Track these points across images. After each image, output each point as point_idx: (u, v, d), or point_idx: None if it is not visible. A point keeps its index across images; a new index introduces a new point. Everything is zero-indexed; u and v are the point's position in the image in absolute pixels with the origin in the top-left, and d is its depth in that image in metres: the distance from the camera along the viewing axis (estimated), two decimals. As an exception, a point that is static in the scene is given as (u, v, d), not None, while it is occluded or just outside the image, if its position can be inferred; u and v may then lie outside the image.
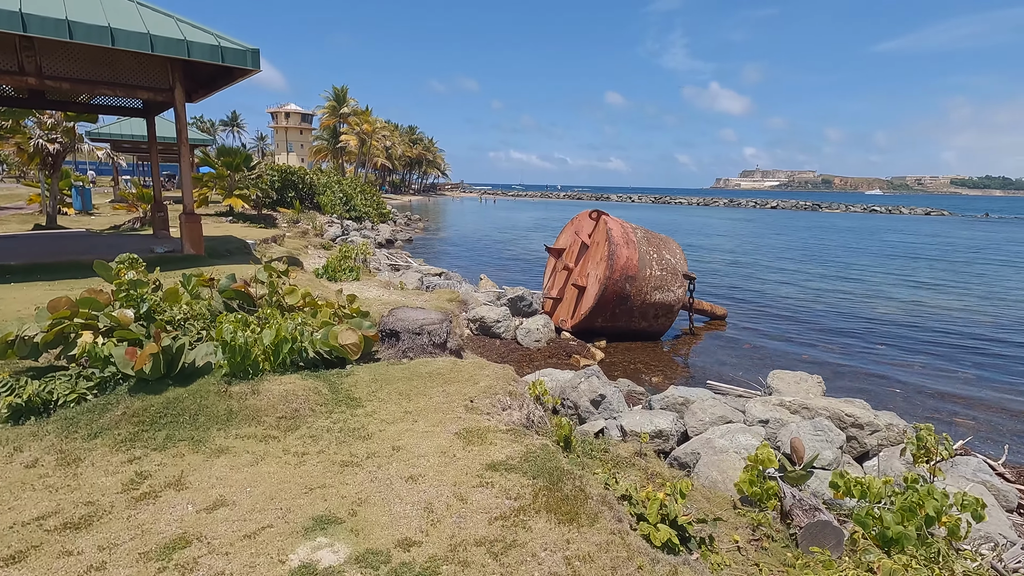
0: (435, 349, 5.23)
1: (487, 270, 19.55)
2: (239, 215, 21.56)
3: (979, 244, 35.08)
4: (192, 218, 9.77)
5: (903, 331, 12.55)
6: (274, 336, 4.34)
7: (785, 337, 11.83)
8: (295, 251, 15.85)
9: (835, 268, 22.55)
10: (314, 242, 18.94)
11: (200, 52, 8.59)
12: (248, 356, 4.13)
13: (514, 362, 9.23)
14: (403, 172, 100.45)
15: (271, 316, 4.69)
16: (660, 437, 5.39)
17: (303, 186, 26.64)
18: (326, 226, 24.44)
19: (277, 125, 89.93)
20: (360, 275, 12.58)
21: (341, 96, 65.26)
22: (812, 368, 9.58)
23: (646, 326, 11.20)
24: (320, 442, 3.57)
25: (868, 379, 9.24)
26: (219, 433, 3.60)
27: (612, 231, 10.64)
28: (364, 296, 10.96)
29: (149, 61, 9.21)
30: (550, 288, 12.06)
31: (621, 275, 10.43)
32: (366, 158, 68.09)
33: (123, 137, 25.63)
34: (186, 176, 9.60)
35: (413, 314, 5.55)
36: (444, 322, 5.36)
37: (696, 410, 5.93)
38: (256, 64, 9.27)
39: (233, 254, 12.79)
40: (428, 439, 3.65)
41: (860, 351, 10.96)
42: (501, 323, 10.33)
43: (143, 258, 9.88)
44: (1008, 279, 20.35)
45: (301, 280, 10.51)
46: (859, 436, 4.91)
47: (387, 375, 4.64)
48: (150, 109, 12.10)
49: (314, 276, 11.67)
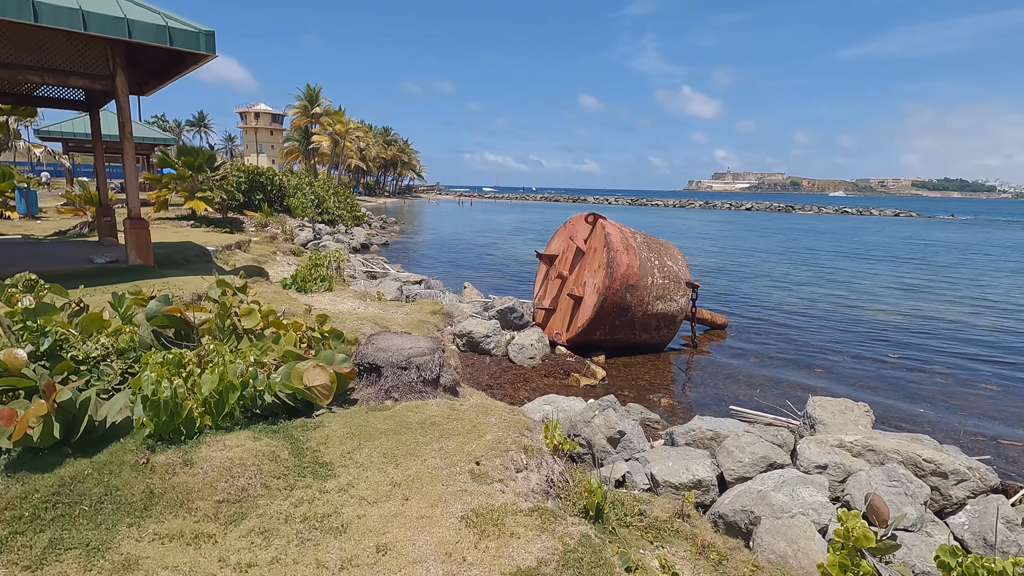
0: (425, 387, 4.23)
1: (469, 276, 18.54)
2: (202, 219, 20.15)
3: (959, 246, 35.36)
4: (138, 223, 8.57)
5: (908, 338, 11.96)
6: (217, 382, 3.30)
7: (792, 348, 11.10)
8: (262, 258, 14.62)
9: (823, 272, 22.13)
10: (283, 248, 17.69)
11: (143, 33, 7.43)
12: (179, 412, 3.08)
13: (508, 383, 8.27)
14: (378, 174, 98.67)
15: (216, 351, 3.64)
16: (699, 487, 4.48)
17: (272, 188, 25.25)
18: (297, 230, 23.14)
19: (246, 126, 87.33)
20: (333, 285, 11.46)
21: (313, 96, 63.48)
22: (830, 383, 8.85)
23: (647, 339, 10.35)
24: (274, 543, 2.55)
25: (891, 393, 8.52)
26: (130, 532, 2.55)
27: (611, 236, 9.76)
28: (338, 310, 9.86)
29: (85, 43, 8.01)
30: (542, 298, 11.12)
31: (621, 284, 9.56)
32: (339, 159, 66.38)
33: (75, 136, 23.90)
34: (130, 176, 8.40)
35: (397, 342, 4.55)
36: (436, 352, 4.37)
37: (731, 448, 5.05)
38: (211, 48, 8.15)
39: (191, 263, 11.55)
40: (426, 530, 2.66)
41: (872, 361, 10.28)
42: (491, 338, 9.35)
43: (81, 269, 8.67)
44: (1000, 284, 20.15)
45: (266, 293, 9.37)
46: (942, 486, 4.09)
47: (367, 427, 3.63)
48: (93, 101, 10.82)
49: (281, 287, 10.53)
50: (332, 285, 11.31)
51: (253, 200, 24.02)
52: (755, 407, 7.70)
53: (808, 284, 19.19)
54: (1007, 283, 19.91)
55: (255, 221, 21.98)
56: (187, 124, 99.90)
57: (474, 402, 4.09)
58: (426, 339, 4.62)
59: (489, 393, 7.66)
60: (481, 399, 4.59)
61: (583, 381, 8.58)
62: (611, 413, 5.39)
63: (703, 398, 8.19)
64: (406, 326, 9.42)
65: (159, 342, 3.95)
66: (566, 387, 8.46)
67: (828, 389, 8.70)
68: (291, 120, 69.01)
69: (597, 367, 9.02)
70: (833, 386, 8.85)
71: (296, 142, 69.51)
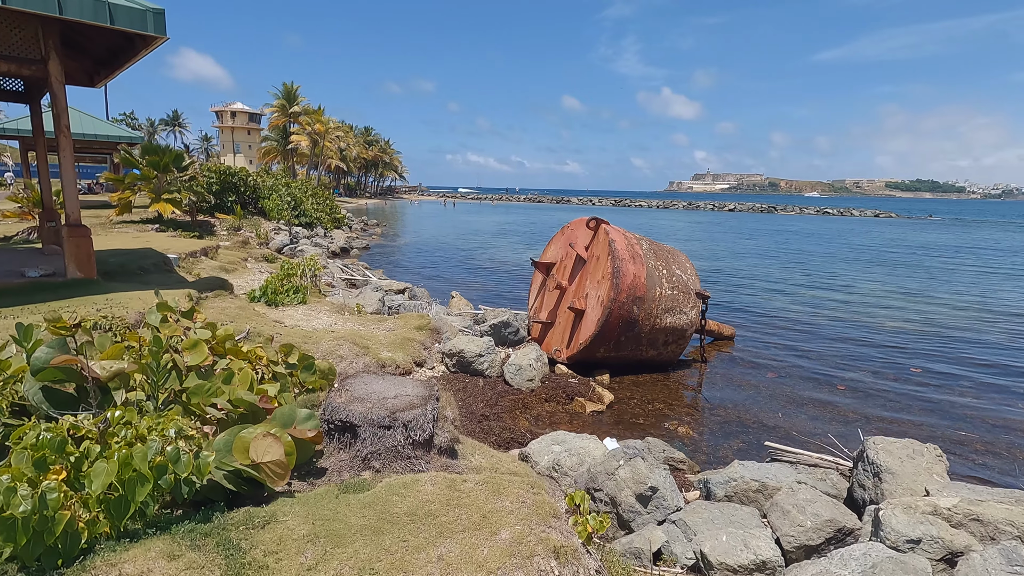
0: (415, 451, 3.26)
1: (456, 283, 17.53)
2: (169, 222, 18.86)
3: (947, 249, 35.24)
4: (77, 231, 7.43)
5: (923, 348, 11.26)
6: (116, 471, 2.29)
7: (806, 362, 10.31)
8: (231, 266, 13.45)
9: (819, 276, 21.53)
10: (256, 253, 16.50)
11: (78, 9, 6.34)
12: (52, 528, 2.07)
13: (505, 411, 7.30)
14: (358, 174, 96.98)
15: (124, 419, 2.62)
16: (762, 570, 3.57)
17: (246, 189, 23.96)
18: (272, 234, 21.90)
19: (222, 125, 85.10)
20: (308, 296, 10.38)
21: (291, 94, 61.80)
22: (857, 402, 8.04)
23: (654, 355, 9.46)
24: None
25: (931, 415, 7.73)
26: None
27: (615, 243, 8.85)
28: (312, 326, 8.80)
29: (12, 21, 6.87)
30: (538, 310, 10.17)
31: (628, 296, 8.65)
32: (319, 160, 64.78)
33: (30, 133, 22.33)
34: (67, 176, 7.25)
35: (379, 387, 3.56)
36: (428, 402, 3.39)
37: (786, 506, 4.15)
38: (161, 29, 7.07)
39: (148, 273, 10.39)
40: None
41: (893, 376, 9.52)
42: (484, 357, 8.38)
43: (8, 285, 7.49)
44: (999, 289, 19.72)
45: (228, 309, 8.28)
46: (1076, 572, 3.24)
47: (337, 521, 2.64)
48: (32, 91, 9.62)
49: (247, 301, 9.43)
50: (306, 297, 10.24)
51: (225, 202, 22.72)
52: (785, 435, 6.86)
53: (806, 288, 18.54)
54: (1006, 288, 19.48)
55: (227, 225, 20.71)
56: (161, 123, 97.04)
57: (481, 475, 3.13)
58: (415, 384, 3.63)
59: (486, 425, 6.70)
60: (488, 460, 3.61)
61: (589, 407, 7.65)
62: (639, 465, 4.46)
63: (727, 426, 7.30)
64: (390, 345, 8.40)
65: (51, 404, 2.92)
66: (570, 414, 7.52)
67: (857, 409, 7.90)
68: (269, 119, 67.17)
69: (604, 390, 8.09)
70: (861, 406, 8.05)
71: (274, 142, 67.67)
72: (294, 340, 7.45)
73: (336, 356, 7.34)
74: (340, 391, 3.55)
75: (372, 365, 7.59)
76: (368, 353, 7.68)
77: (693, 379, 9.49)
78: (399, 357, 7.91)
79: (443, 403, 3.66)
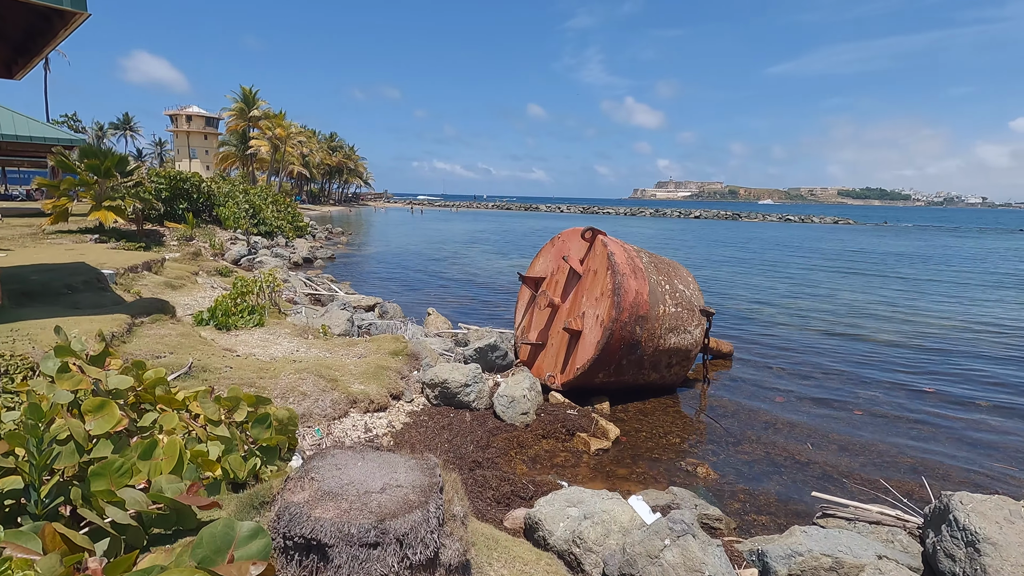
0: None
1: (429, 297, 16.42)
2: (112, 232, 17.21)
3: (915, 255, 35.81)
4: (-24, 246, 6.09)
5: (927, 365, 10.74)
6: None
7: (813, 382, 9.62)
8: (178, 281, 12.05)
9: (801, 285, 21.21)
10: (209, 266, 15.05)
11: (-30, -29, 5.10)
12: None
13: (499, 453, 6.28)
14: (322, 181, 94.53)
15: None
16: None
17: (199, 196, 22.31)
18: (228, 244, 20.36)
19: (177, 129, 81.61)
20: (265, 317, 9.16)
21: (250, 98, 59.51)
22: (880, 433, 7.30)
23: (657, 378, 8.59)
24: None
25: (961, 447, 7.05)
26: None
27: (615, 257, 7.96)
28: (270, 355, 7.59)
29: None
30: (527, 329, 9.19)
31: (630, 315, 7.76)
32: (280, 166, 62.56)
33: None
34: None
35: (359, 475, 2.50)
36: (431, 500, 2.36)
37: (878, 595, 3.27)
38: (80, 4, 5.87)
39: (76, 292, 9.00)
40: None
41: (908, 397, 8.91)
42: (471, 387, 7.34)
43: None
44: (980, 300, 19.71)
45: (168, 337, 7.01)
46: None
47: None
48: (-68, 80, 8.18)
49: (193, 325, 8.17)
50: (264, 318, 9.01)
51: (176, 210, 21.07)
52: (822, 474, 6.06)
53: (792, 298, 18.10)
54: (985, 299, 19.48)
55: (178, 234, 19.13)
56: (111, 127, 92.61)
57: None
58: (408, 465, 2.59)
59: (479, 475, 5.66)
60: (511, 570, 2.60)
61: (594, 444, 6.68)
62: (691, 543, 3.51)
63: (755, 465, 6.42)
64: (361, 375, 7.26)
65: None
66: (573, 454, 6.55)
67: (885, 439, 7.15)
68: (227, 124, 64.54)
69: (608, 423, 7.14)
70: (889, 435, 7.32)
71: (233, 147, 65.03)
72: (248, 374, 6.27)
73: (298, 393, 6.19)
74: (302, 480, 2.48)
75: (341, 401, 6.47)
76: (337, 387, 6.56)
77: (696, 402, 8.66)
78: (372, 390, 6.81)
79: (448, 493, 2.63)
